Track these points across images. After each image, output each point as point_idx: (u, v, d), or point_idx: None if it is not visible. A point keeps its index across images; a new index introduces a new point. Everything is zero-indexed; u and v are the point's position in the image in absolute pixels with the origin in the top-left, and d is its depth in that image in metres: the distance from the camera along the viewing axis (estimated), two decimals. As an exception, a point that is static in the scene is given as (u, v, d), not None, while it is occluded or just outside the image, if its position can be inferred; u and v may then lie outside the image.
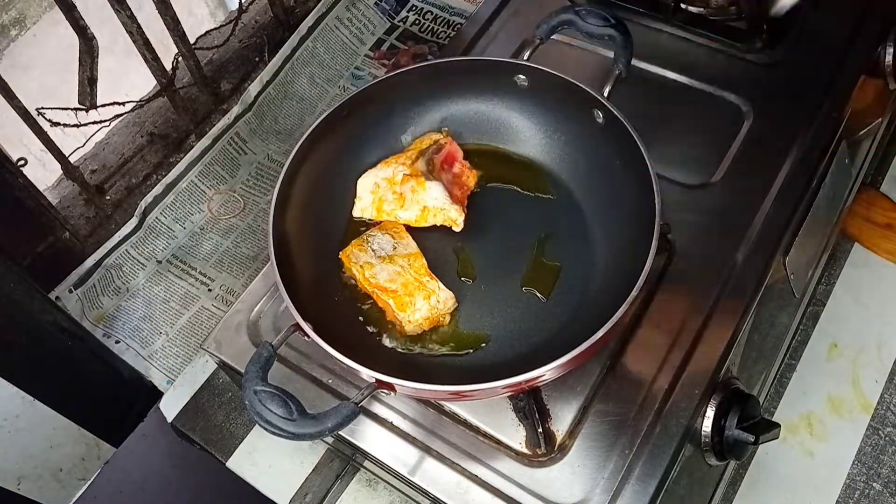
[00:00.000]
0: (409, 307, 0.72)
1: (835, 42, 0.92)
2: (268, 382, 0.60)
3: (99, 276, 1.05)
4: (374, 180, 0.79)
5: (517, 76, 0.80)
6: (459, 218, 0.78)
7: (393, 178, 0.78)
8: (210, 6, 1.89)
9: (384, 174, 0.79)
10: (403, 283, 0.73)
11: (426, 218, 0.78)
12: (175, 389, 0.95)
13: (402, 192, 0.78)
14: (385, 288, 0.73)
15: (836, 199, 0.94)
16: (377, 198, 0.79)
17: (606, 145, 0.76)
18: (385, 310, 0.74)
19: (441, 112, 0.84)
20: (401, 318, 0.72)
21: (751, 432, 0.72)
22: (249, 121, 1.17)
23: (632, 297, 0.62)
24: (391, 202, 0.78)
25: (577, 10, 0.78)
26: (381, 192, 0.79)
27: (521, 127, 0.83)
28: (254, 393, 0.59)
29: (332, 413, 0.60)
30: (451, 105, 0.84)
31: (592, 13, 0.77)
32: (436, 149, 0.80)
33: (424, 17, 1.29)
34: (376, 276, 0.73)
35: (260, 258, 1.09)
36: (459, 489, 0.69)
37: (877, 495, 0.92)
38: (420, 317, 0.72)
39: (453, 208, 0.78)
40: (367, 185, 0.79)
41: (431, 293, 0.73)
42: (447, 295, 0.73)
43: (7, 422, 0.86)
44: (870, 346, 1.01)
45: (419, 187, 0.77)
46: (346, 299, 0.76)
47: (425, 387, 0.62)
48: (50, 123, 1.00)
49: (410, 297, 0.72)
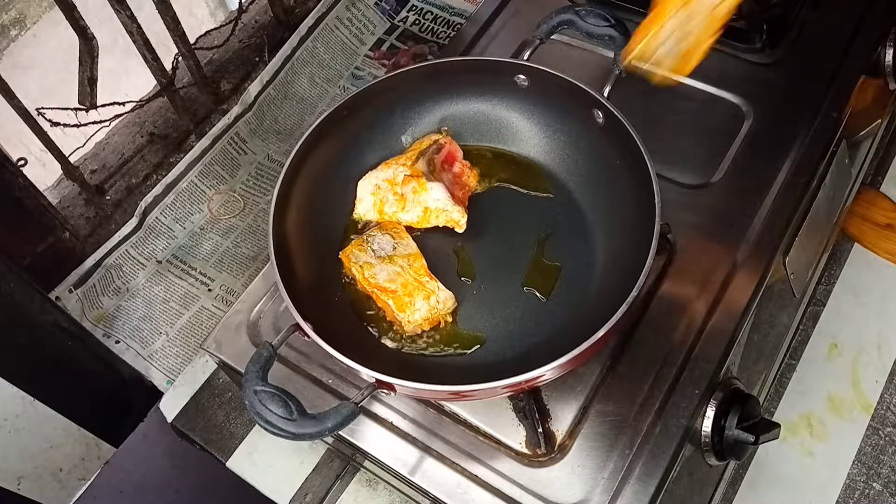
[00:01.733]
0: (408, 307, 0.72)
1: (835, 42, 0.92)
2: (268, 382, 0.60)
3: (99, 276, 1.05)
4: (375, 182, 0.79)
5: (517, 76, 0.80)
6: (462, 220, 0.78)
7: (394, 179, 0.78)
8: (210, 6, 1.89)
9: (385, 175, 0.79)
10: (403, 283, 0.73)
11: (428, 219, 0.78)
12: (175, 389, 0.95)
13: (403, 194, 0.78)
14: (384, 288, 0.73)
15: (836, 199, 0.94)
16: (378, 199, 0.79)
17: (607, 145, 0.76)
18: (385, 310, 0.74)
19: (441, 112, 0.84)
20: (400, 319, 0.72)
21: (751, 432, 0.72)
22: (249, 121, 1.17)
23: (632, 297, 0.62)
24: (392, 203, 0.78)
25: (577, 10, 0.78)
26: (382, 194, 0.78)
27: (521, 127, 0.83)
28: (254, 393, 0.59)
29: (332, 413, 0.60)
30: (451, 105, 0.84)
31: (592, 13, 0.77)
32: (436, 149, 0.80)
33: (424, 17, 1.29)
34: (376, 276, 0.73)
35: (260, 258, 1.09)
36: (459, 489, 0.69)
37: (877, 495, 0.92)
38: (420, 317, 0.72)
39: (456, 209, 0.77)
40: (368, 186, 0.79)
41: (431, 293, 0.73)
42: (447, 295, 0.73)
43: (7, 422, 0.86)
44: (870, 346, 1.01)
45: (420, 188, 0.77)
46: (346, 299, 0.76)
47: (425, 387, 0.62)
48: (50, 123, 1.00)
49: (410, 298, 0.72)
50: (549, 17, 0.79)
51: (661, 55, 0.72)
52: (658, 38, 0.72)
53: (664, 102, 0.90)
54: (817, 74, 0.90)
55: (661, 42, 0.72)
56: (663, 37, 0.72)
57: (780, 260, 0.81)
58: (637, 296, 0.62)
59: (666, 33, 0.72)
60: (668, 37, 0.72)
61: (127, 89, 1.16)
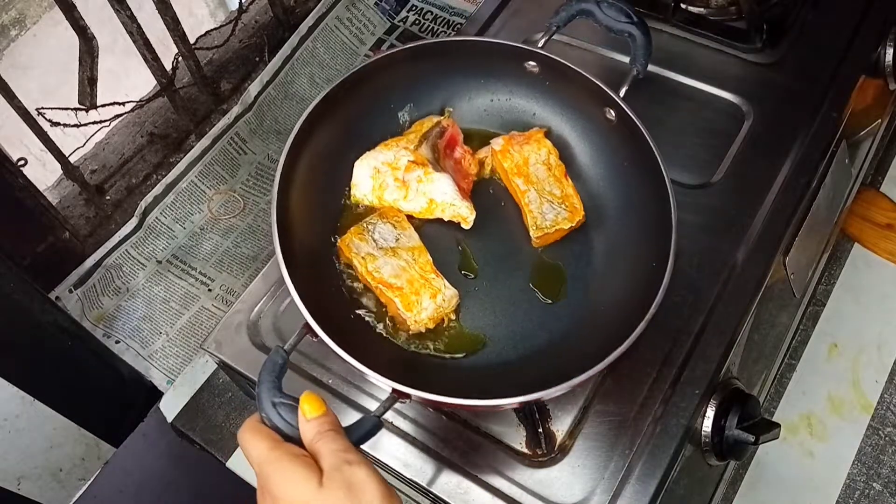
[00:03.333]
0: (415, 306, 0.70)
1: (835, 42, 0.92)
2: (284, 393, 0.57)
3: (99, 276, 1.05)
4: (374, 164, 0.75)
5: (528, 62, 0.77)
6: (470, 216, 0.75)
7: (395, 162, 0.74)
8: (210, 6, 1.89)
9: (384, 158, 0.75)
10: (409, 279, 0.70)
11: (433, 211, 0.75)
12: (175, 389, 0.95)
13: (405, 181, 0.74)
14: (390, 284, 0.70)
15: (836, 199, 0.94)
16: (378, 184, 0.75)
17: (617, 146, 0.76)
18: (387, 305, 0.71)
19: (454, 94, 0.82)
20: (406, 318, 0.70)
21: (751, 432, 0.72)
22: (249, 121, 1.16)
23: (650, 314, 0.63)
24: (393, 190, 0.75)
25: (599, 2, 0.76)
26: (382, 178, 0.74)
27: (527, 115, 0.82)
28: (272, 405, 0.56)
29: (355, 427, 0.57)
30: (455, 87, 0.81)
31: (614, 6, 0.75)
32: (439, 132, 0.77)
33: (424, 17, 1.29)
34: (380, 269, 0.70)
35: (260, 258, 1.09)
36: (459, 489, 0.69)
37: (877, 495, 0.92)
38: (426, 316, 0.70)
39: (464, 205, 0.75)
40: (366, 168, 0.75)
41: (437, 291, 0.71)
42: (452, 293, 0.72)
43: (7, 422, 0.86)
44: (870, 346, 1.01)
45: (425, 177, 0.74)
46: (344, 289, 0.73)
47: (444, 399, 0.60)
48: (50, 123, 1.00)
49: (417, 297, 0.70)
50: (568, 3, 0.77)
51: (552, 219, 0.74)
52: (535, 216, 0.75)
53: (664, 103, 0.90)
54: (817, 74, 0.90)
55: (543, 214, 0.74)
56: (537, 211, 0.74)
57: (780, 260, 0.81)
58: (653, 314, 0.62)
59: (536, 208, 0.75)
60: (541, 207, 0.75)
61: (127, 89, 1.16)
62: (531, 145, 0.77)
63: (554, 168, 0.76)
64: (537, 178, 0.75)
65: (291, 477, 0.52)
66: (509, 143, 0.77)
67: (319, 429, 0.54)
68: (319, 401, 0.55)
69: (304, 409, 0.55)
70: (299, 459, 0.52)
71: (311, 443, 0.54)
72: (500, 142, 0.77)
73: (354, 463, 0.52)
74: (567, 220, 0.74)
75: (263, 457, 0.53)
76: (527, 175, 0.76)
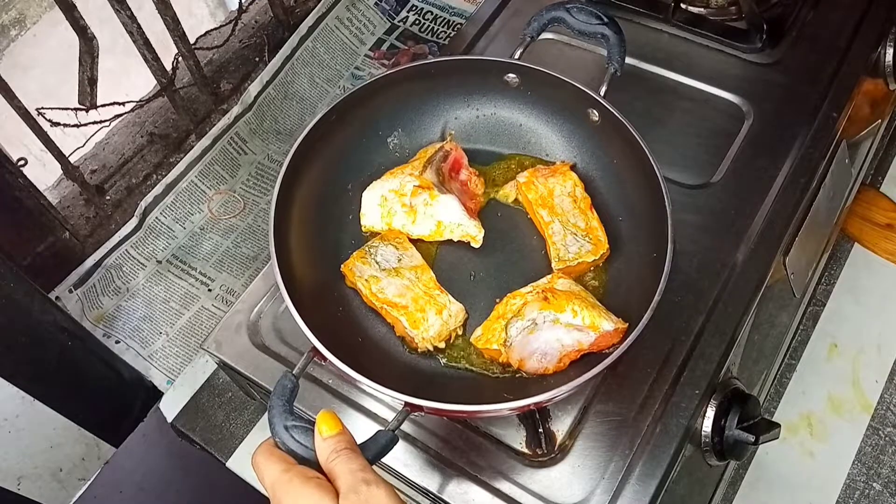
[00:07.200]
0: (422, 323, 0.69)
1: (835, 42, 0.92)
2: (296, 416, 0.57)
3: (99, 276, 1.05)
4: (381, 192, 0.76)
5: (507, 75, 0.78)
6: (479, 234, 0.75)
7: (401, 189, 0.75)
8: (210, 6, 1.89)
9: (391, 185, 0.76)
10: (413, 297, 0.70)
11: (441, 233, 0.76)
12: (175, 389, 0.95)
13: (412, 205, 0.75)
14: (395, 303, 0.70)
15: (836, 199, 0.94)
16: (386, 211, 0.76)
17: (605, 144, 0.76)
18: (394, 325, 0.72)
19: (440, 114, 0.82)
20: (413, 336, 0.70)
21: (751, 432, 0.72)
22: (249, 121, 1.16)
23: (646, 317, 0.63)
24: (402, 216, 0.75)
25: (568, 8, 0.77)
26: (390, 205, 0.75)
27: (515, 127, 0.82)
28: (285, 429, 0.56)
29: (371, 444, 0.57)
30: (439, 108, 0.82)
31: (584, 11, 0.76)
32: (442, 156, 0.78)
33: (424, 17, 1.29)
34: (384, 290, 0.71)
35: (260, 258, 1.09)
36: (459, 489, 0.69)
37: (877, 495, 0.93)
38: (434, 332, 0.70)
39: (472, 224, 0.75)
40: (374, 197, 0.76)
41: (443, 307, 0.70)
42: (458, 307, 0.71)
43: (7, 422, 0.86)
44: (870, 346, 1.01)
45: (432, 200, 0.75)
46: (349, 314, 0.74)
47: (457, 407, 0.60)
48: (50, 123, 1.00)
49: (422, 314, 0.70)
50: (539, 14, 0.78)
51: (575, 251, 0.73)
52: (559, 247, 0.73)
53: (664, 103, 0.90)
54: (817, 74, 0.90)
55: (566, 246, 0.73)
56: (560, 243, 0.73)
57: (780, 260, 0.81)
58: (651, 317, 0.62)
59: (560, 239, 0.74)
60: (564, 239, 0.74)
61: (127, 89, 1.16)
62: (556, 178, 0.77)
63: (580, 200, 0.76)
64: (562, 209, 0.75)
65: (305, 500, 0.51)
66: (534, 175, 0.77)
67: (335, 447, 0.53)
68: (336, 419, 0.55)
69: (321, 428, 0.54)
70: (312, 481, 0.52)
71: (327, 462, 0.53)
72: (525, 174, 0.78)
73: (372, 483, 0.51)
74: (590, 254, 0.73)
75: (276, 479, 0.53)
76: (551, 206, 0.75)
